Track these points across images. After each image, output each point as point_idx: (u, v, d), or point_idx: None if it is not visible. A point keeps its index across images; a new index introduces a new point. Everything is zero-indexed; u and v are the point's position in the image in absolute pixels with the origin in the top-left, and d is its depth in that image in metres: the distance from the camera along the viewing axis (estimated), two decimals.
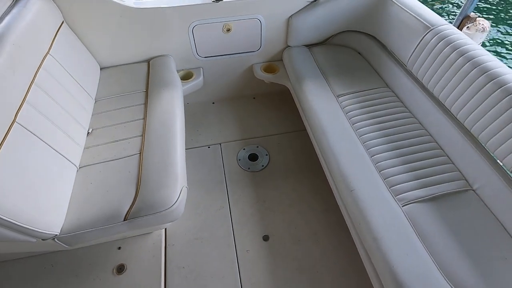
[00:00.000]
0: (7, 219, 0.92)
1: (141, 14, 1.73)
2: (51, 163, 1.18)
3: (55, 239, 1.15)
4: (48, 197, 1.11)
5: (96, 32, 1.73)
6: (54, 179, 1.16)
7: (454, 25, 2.99)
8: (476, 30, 2.96)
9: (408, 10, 1.60)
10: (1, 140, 0.98)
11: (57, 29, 1.50)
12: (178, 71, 2.01)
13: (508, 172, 1.21)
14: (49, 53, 1.37)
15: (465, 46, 1.35)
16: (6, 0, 1.36)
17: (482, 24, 2.98)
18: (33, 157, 1.09)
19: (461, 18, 2.98)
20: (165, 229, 1.62)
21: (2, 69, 1.07)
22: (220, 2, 1.76)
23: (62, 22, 1.57)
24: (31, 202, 1.02)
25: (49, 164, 1.16)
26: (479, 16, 3.01)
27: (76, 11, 1.62)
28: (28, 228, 1.00)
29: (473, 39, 3.07)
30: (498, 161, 1.25)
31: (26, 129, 1.10)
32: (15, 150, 1.02)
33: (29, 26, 1.29)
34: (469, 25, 2.99)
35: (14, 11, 1.31)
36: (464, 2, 2.83)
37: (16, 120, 1.06)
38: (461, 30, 3.02)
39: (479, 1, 6.42)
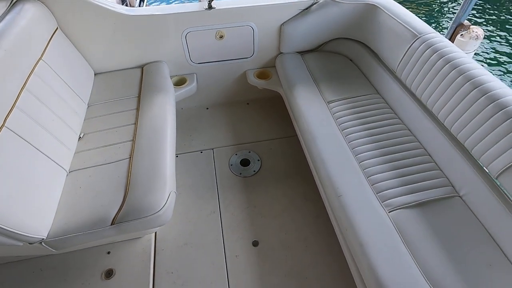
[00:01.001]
0: None
1: (134, 20, 1.76)
2: (40, 167, 1.19)
3: (42, 243, 1.16)
4: (36, 201, 1.12)
5: (90, 38, 1.76)
6: (42, 183, 1.17)
7: (448, 33, 3.03)
8: (470, 38, 3.00)
9: (396, 18, 1.63)
10: None
11: (51, 35, 1.53)
12: (171, 77, 2.03)
13: (494, 179, 1.21)
14: (42, 58, 1.39)
15: (451, 54, 1.36)
16: (1, 6, 1.39)
17: (476, 32, 3.02)
18: (21, 161, 1.10)
19: (454, 26, 3.03)
20: (155, 233, 1.62)
21: None
22: (212, 9, 1.79)
23: (57, 29, 1.60)
24: (18, 206, 1.03)
25: (37, 168, 1.17)
26: (472, 24, 3.05)
27: (70, 17, 1.65)
28: (14, 232, 1.00)
29: (467, 46, 3.11)
30: (484, 167, 1.26)
31: (15, 133, 1.11)
32: (3, 154, 1.03)
33: (22, 32, 1.31)
34: (463, 33, 3.03)
35: (8, 17, 1.34)
36: (457, 11, 2.87)
37: (5, 125, 1.08)
38: (455, 38, 3.06)
39: (476, 11, 6.50)
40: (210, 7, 1.79)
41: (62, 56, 1.57)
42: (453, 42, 3.03)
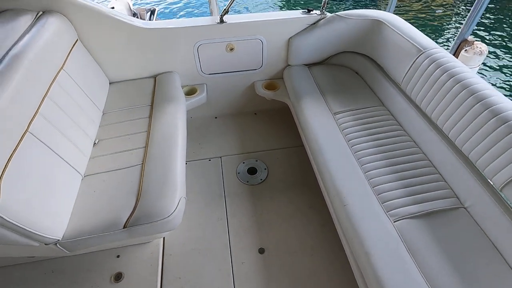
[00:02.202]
0: (12, 221, 0.98)
1: (150, 33, 1.85)
2: (58, 171, 1.24)
3: (57, 244, 1.20)
4: (53, 203, 1.17)
5: (108, 49, 1.85)
6: (59, 186, 1.23)
7: (452, 48, 3.08)
8: (474, 53, 3.05)
9: (401, 34, 1.68)
10: (14, 147, 1.05)
11: (71, 46, 1.61)
12: (182, 86, 2.10)
13: (498, 191, 1.23)
14: (63, 68, 1.47)
15: (455, 69, 1.41)
16: (27, 19, 1.48)
17: (480, 48, 3.08)
18: (41, 165, 1.16)
19: (459, 41, 3.09)
20: (164, 238, 1.66)
21: (19, 83, 1.16)
22: (224, 23, 1.88)
23: (77, 40, 1.69)
24: (37, 207, 1.08)
25: (56, 172, 1.23)
26: (476, 40, 3.11)
27: (89, 29, 1.74)
28: (32, 232, 1.05)
29: (471, 61, 3.16)
30: (488, 180, 1.28)
31: (37, 138, 1.17)
32: (26, 157, 1.09)
33: (46, 44, 1.40)
34: (467, 48, 3.09)
35: (33, 29, 1.42)
36: (461, 27, 2.93)
37: (28, 130, 1.14)
38: (459, 53, 3.11)
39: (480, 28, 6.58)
40: (221, 21, 1.88)
41: (80, 66, 1.65)
42: (457, 58, 3.09)
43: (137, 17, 6.84)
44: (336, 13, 1.96)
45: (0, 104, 1.06)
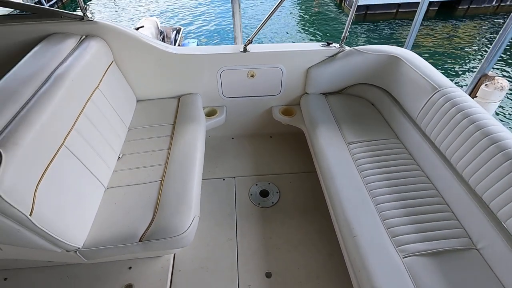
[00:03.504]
0: (43, 228, 1.07)
1: (178, 58, 1.99)
2: (86, 183, 1.34)
3: (77, 252, 1.28)
4: (78, 213, 1.26)
5: (138, 70, 2.00)
6: (86, 197, 1.32)
7: (472, 82, 3.08)
8: (495, 88, 3.03)
9: (417, 71, 1.73)
10: (50, 159, 1.16)
11: (107, 67, 1.77)
12: (204, 107, 2.22)
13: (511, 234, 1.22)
14: (98, 87, 1.61)
15: (470, 109, 1.43)
16: (72, 42, 1.65)
17: (501, 83, 3.06)
18: (72, 176, 1.26)
19: (479, 76, 3.08)
20: (174, 254, 1.70)
21: (60, 100, 1.29)
22: (247, 52, 2.00)
23: (112, 61, 1.85)
24: (64, 215, 1.16)
25: (83, 183, 1.32)
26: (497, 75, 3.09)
27: (123, 52, 1.90)
28: (58, 239, 1.13)
29: (492, 96, 3.14)
30: (502, 222, 1.27)
31: (71, 151, 1.28)
32: (59, 169, 1.19)
33: (86, 65, 1.55)
34: (487, 83, 3.08)
35: (76, 52, 1.58)
36: (482, 62, 2.94)
37: (64, 144, 1.26)
38: (479, 88, 3.10)
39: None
40: (245, 50, 2.00)
41: (113, 85, 1.79)
42: (477, 92, 3.08)
43: (164, 35, 7.26)
44: (355, 47, 2.04)
45: (42, 119, 1.18)
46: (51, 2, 12.29)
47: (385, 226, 1.38)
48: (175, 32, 7.40)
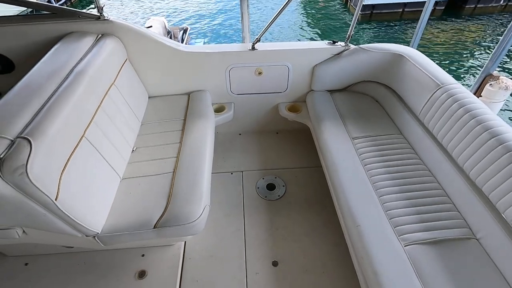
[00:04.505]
0: (66, 213, 1.15)
1: (188, 56, 2.07)
2: (103, 173, 1.43)
3: (96, 237, 1.36)
4: (98, 200, 1.34)
5: (150, 67, 2.09)
6: (104, 186, 1.40)
7: (476, 82, 3.11)
8: (499, 88, 3.06)
9: (421, 68, 1.79)
10: (73, 149, 1.24)
11: (122, 64, 1.85)
12: (212, 104, 2.29)
13: (510, 224, 1.27)
14: (114, 83, 1.70)
15: (471, 105, 1.48)
16: (89, 41, 1.73)
17: (505, 83, 3.08)
18: (91, 166, 1.34)
19: (483, 75, 3.11)
20: (185, 243, 1.78)
21: (80, 95, 1.38)
22: (255, 50, 2.07)
23: (126, 59, 1.93)
24: (84, 202, 1.25)
25: (102, 173, 1.41)
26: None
27: (137, 50, 1.98)
28: (79, 223, 1.22)
29: (496, 96, 3.16)
30: (501, 213, 1.32)
31: (90, 142, 1.37)
32: (80, 159, 1.28)
33: (103, 62, 1.63)
34: (492, 83, 3.10)
35: (94, 50, 1.67)
36: (486, 62, 2.97)
37: (84, 135, 1.34)
38: (483, 88, 3.13)
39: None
40: (253, 48, 2.07)
41: (127, 82, 1.88)
42: (481, 92, 3.10)
43: (171, 35, 7.37)
44: (360, 45, 2.10)
45: (65, 112, 1.26)
46: (60, 2, 12.51)
47: (387, 217, 1.43)
48: (182, 31, 7.50)
